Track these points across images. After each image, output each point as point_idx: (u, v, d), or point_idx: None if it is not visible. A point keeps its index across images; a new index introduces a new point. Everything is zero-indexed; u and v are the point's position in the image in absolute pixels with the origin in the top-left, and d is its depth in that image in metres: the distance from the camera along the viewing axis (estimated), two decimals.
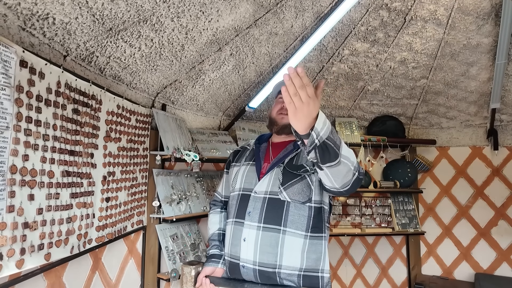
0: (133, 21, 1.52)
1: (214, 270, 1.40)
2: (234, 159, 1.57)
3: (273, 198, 1.30)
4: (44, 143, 1.24)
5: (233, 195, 1.43)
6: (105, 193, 1.66)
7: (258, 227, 1.28)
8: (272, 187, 1.32)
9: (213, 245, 1.47)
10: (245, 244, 1.29)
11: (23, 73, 1.15)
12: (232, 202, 1.43)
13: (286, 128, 1.43)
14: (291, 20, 2.07)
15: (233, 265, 1.33)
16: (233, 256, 1.33)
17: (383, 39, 2.38)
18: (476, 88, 2.72)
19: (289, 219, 1.28)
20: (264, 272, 1.26)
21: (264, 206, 1.30)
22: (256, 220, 1.29)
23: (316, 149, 0.96)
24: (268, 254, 1.25)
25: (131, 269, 2.01)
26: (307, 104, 0.88)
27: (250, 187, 1.37)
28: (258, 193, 1.33)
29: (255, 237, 1.27)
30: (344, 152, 1.02)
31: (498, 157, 3.05)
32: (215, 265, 1.40)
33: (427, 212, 3.26)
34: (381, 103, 3.07)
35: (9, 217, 1.08)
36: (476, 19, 2.16)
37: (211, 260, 1.42)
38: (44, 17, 1.24)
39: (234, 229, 1.35)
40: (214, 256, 1.43)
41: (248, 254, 1.28)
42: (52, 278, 1.41)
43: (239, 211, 1.36)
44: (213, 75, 2.29)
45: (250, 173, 1.41)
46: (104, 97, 1.66)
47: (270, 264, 1.25)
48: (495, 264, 2.98)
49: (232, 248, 1.34)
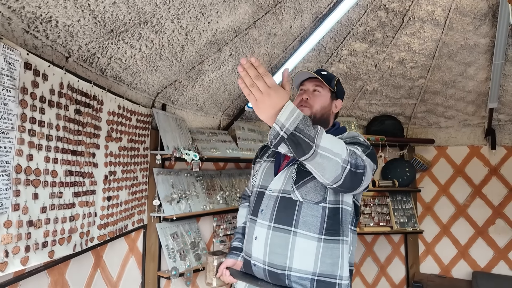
0: (134, 23, 1.55)
1: (235, 262, 1.43)
2: (260, 154, 1.55)
3: (286, 197, 1.25)
4: (47, 143, 1.27)
5: (253, 192, 1.43)
6: (106, 192, 1.69)
7: (269, 227, 1.25)
8: (285, 185, 1.27)
9: (236, 238, 1.50)
10: (256, 243, 1.27)
11: (27, 75, 1.17)
12: (251, 199, 1.43)
13: None
14: (289, 21, 2.10)
15: (246, 262, 1.34)
16: (247, 254, 1.34)
17: (381, 40, 2.40)
18: (474, 88, 2.74)
19: (301, 220, 1.21)
20: (273, 273, 1.22)
21: (276, 205, 1.26)
22: (268, 219, 1.26)
23: (285, 142, 0.91)
24: (277, 255, 1.21)
25: (132, 267, 2.04)
26: (267, 95, 0.87)
27: (266, 184, 1.34)
28: (273, 191, 1.29)
29: (266, 236, 1.24)
30: (324, 143, 0.95)
31: (496, 156, 3.07)
32: (236, 258, 1.44)
33: (425, 211, 3.29)
34: (380, 103, 3.10)
35: (14, 215, 1.11)
36: (474, 20, 2.18)
37: (233, 252, 1.46)
38: (47, 20, 1.26)
39: (249, 226, 1.36)
40: (236, 249, 1.46)
41: (259, 253, 1.25)
42: (55, 275, 1.44)
43: (255, 208, 1.35)
44: (213, 75, 2.32)
45: (268, 170, 1.38)
46: (105, 98, 1.68)
47: (280, 266, 1.20)
48: (493, 262, 3.01)
49: (247, 245, 1.35)
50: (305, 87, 1.45)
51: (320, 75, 1.42)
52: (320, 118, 1.39)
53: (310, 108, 1.38)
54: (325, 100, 1.41)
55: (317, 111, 1.38)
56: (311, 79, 1.45)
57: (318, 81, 1.43)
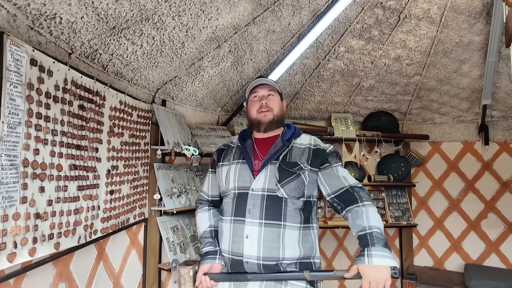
0: (136, 19, 1.57)
1: (211, 266, 1.41)
2: (220, 158, 1.55)
3: (271, 195, 1.34)
4: (53, 138, 1.30)
5: (228, 195, 1.44)
6: (109, 186, 1.72)
7: (260, 224, 1.32)
8: (269, 184, 1.35)
9: (207, 243, 1.46)
10: (248, 241, 1.32)
11: (33, 71, 1.20)
12: (227, 201, 1.44)
13: (272, 124, 1.47)
14: (288, 18, 2.13)
15: (236, 262, 1.36)
16: (236, 254, 1.35)
17: (378, 37, 2.44)
18: (468, 84, 2.79)
19: (288, 214, 1.34)
20: (268, 266, 1.30)
21: (264, 203, 1.34)
22: (257, 217, 1.33)
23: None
24: (271, 248, 1.30)
25: (133, 259, 2.08)
26: None
27: (245, 185, 1.39)
28: (256, 190, 1.36)
29: (258, 233, 1.31)
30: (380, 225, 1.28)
31: (489, 152, 3.14)
32: (212, 262, 1.41)
33: (419, 205, 3.36)
34: (376, 99, 3.14)
35: (22, 207, 1.14)
36: (468, 18, 2.23)
37: (207, 257, 1.42)
38: (51, 17, 1.28)
39: (234, 227, 1.37)
40: (209, 253, 1.43)
41: (252, 250, 1.31)
42: (60, 267, 1.47)
43: (238, 209, 1.38)
44: (212, 72, 2.35)
45: (243, 171, 1.41)
46: (108, 93, 1.71)
47: (274, 258, 1.30)
48: (484, 255, 3.10)
49: (234, 246, 1.36)
50: (259, 93, 1.51)
51: (266, 81, 1.52)
52: (280, 119, 1.51)
53: (272, 111, 1.47)
54: (278, 102, 1.52)
55: (277, 113, 1.49)
56: (262, 85, 1.52)
57: (269, 86, 1.52)
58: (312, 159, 1.40)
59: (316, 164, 1.40)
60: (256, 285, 1.34)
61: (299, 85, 2.92)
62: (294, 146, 1.44)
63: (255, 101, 1.50)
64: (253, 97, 1.52)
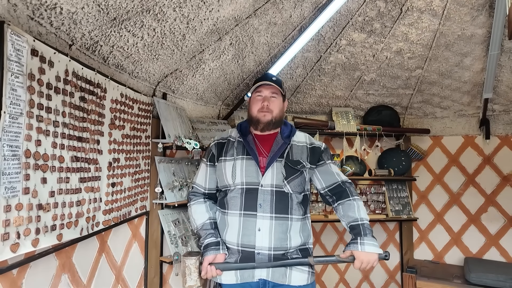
0: (137, 11, 1.56)
1: (215, 257, 1.44)
2: (222, 152, 1.57)
3: (279, 191, 1.47)
4: (54, 129, 1.29)
5: (233, 189, 1.50)
6: (110, 179, 1.72)
7: (271, 217, 1.44)
8: (276, 180, 1.47)
9: (208, 234, 1.49)
10: (260, 234, 1.42)
11: (34, 62, 1.19)
12: (233, 195, 1.49)
13: (270, 125, 1.54)
14: (289, 10, 2.11)
15: (246, 253, 1.43)
16: (247, 246, 1.43)
17: (379, 30, 2.43)
18: (469, 78, 2.78)
19: (293, 207, 1.48)
20: (277, 256, 1.43)
21: (274, 198, 1.45)
22: (268, 211, 1.44)
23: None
24: (281, 240, 1.43)
25: (135, 252, 2.09)
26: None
27: (253, 180, 1.47)
28: (265, 186, 1.46)
29: (269, 226, 1.43)
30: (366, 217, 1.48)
31: (490, 146, 3.14)
32: (216, 252, 1.43)
33: (420, 199, 3.37)
34: (377, 93, 3.13)
35: (25, 198, 1.14)
36: (471, 10, 2.21)
37: (210, 248, 1.44)
38: (52, 7, 1.27)
39: (244, 221, 1.45)
40: (212, 244, 1.45)
41: (264, 242, 1.42)
42: (63, 258, 1.48)
43: (248, 203, 1.46)
44: (213, 65, 2.34)
45: (250, 167, 1.48)
46: (109, 86, 1.70)
47: (283, 248, 1.44)
48: (484, 248, 3.11)
49: (245, 238, 1.43)
50: (262, 93, 1.56)
51: (272, 81, 1.56)
52: (279, 120, 1.58)
53: (271, 113, 1.54)
54: (279, 103, 1.59)
55: (276, 115, 1.56)
56: (267, 85, 1.55)
57: (273, 87, 1.56)
58: (310, 157, 1.55)
59: (313, 161, 1.56)
60: (263, 272, 1.42)
61: (300, 79, 2.91)
62: (293, 143, 1.57)
63: (258, 100, 1.57)
64: (256, 95, 1.58)
